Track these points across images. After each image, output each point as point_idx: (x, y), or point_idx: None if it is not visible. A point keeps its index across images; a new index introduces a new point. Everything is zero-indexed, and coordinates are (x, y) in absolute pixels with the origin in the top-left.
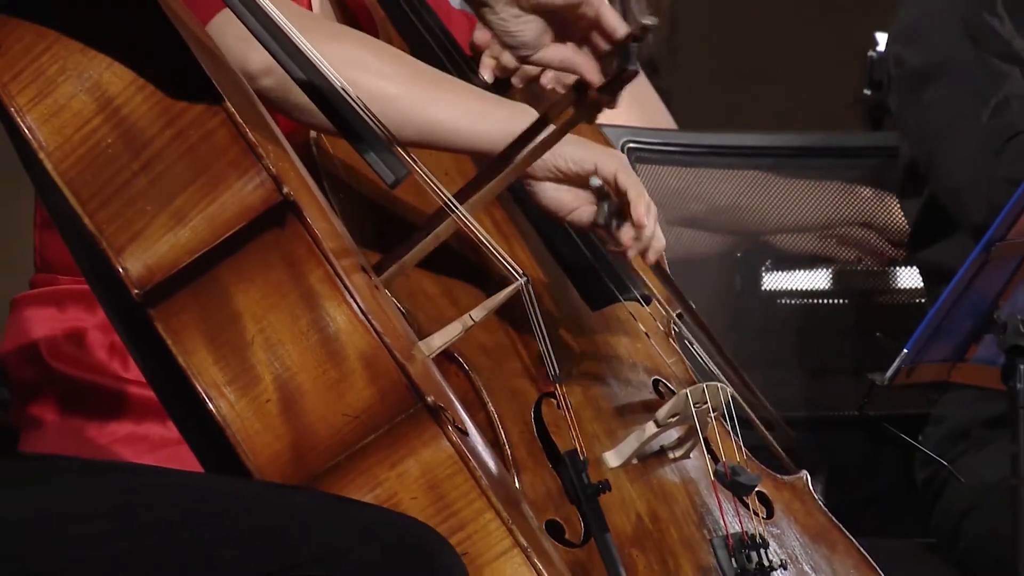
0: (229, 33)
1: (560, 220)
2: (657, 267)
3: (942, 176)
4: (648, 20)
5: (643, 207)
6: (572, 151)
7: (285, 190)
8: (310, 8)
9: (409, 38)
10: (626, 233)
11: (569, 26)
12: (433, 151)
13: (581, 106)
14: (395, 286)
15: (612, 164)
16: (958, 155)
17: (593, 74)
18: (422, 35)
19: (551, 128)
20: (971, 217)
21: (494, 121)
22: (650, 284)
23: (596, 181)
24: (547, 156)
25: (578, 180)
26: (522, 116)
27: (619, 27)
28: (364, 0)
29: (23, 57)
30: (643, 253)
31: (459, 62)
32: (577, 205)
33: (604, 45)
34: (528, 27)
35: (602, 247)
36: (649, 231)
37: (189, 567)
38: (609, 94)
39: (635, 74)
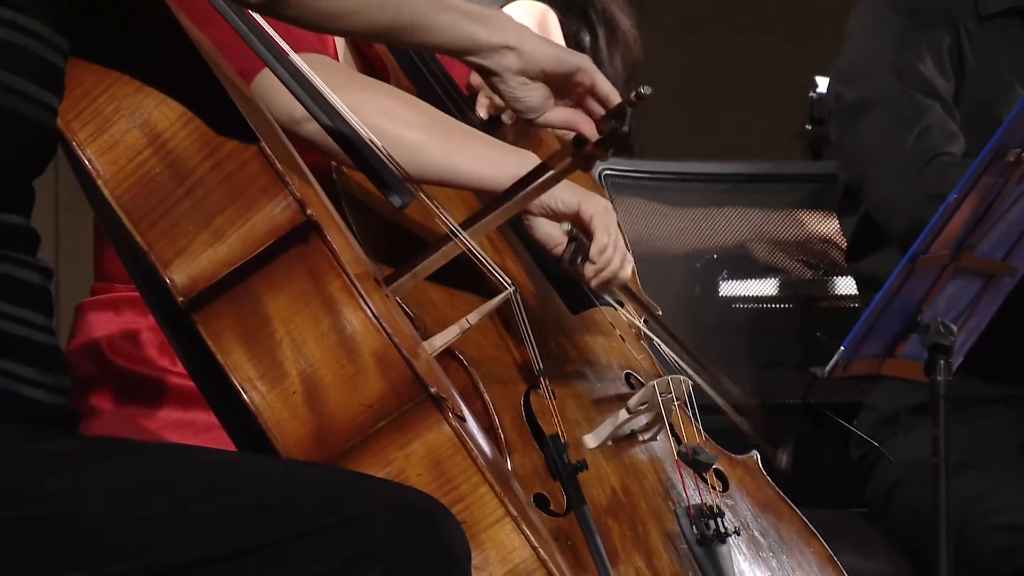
0: (276, 87)
1: (548, 251)
2: (625, 287)
3: (872, 192)
4: (644, 89)
5: (601, 247)
6: (563, 194)
7: (308, 212)
8: (336, 58)
9: (416, 82)
10: (588, 269)
11: (568, 90)
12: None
13: (578, 157)
14: (405, 294)
15: (592, 207)
16: (886, 174)
17: (591, 133)
18: (427, 80)
19: (550, 173)
20: (896, 226)
21: (502, 166)
22: (623, 295)
23: (566, 226)
24: (542, 196)
25: (565, 219)
26: (526, 162)
27: (612, 96)
28: (379, 50)
29: (84, 98)
30: (605, 284)
31: (458, 101)
32: (563, 240)
33: (599, 110)
34: (534, 93)
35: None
36: (609, 270)
37: (232, 529)
38: (603, 149)
39: (627, 135)
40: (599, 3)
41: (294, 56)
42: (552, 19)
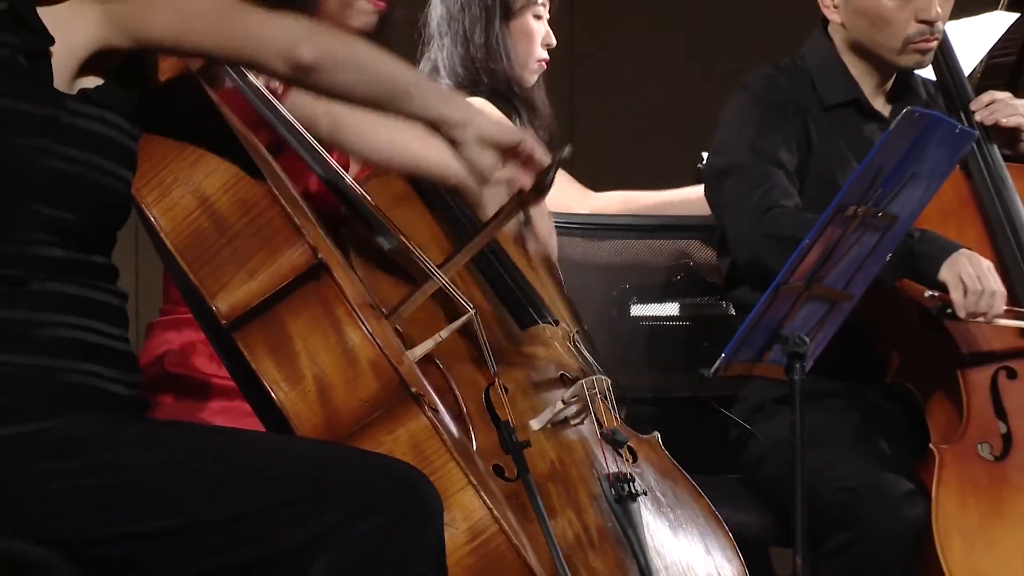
0: None
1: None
2: (570, 303)
3: (728, 235)
4: (565, 152)
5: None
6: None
7: (320, 255)
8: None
9: None
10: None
11: (512, 155)
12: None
13: (518, 203)
14: (405, 317)
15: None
16: (737, 221)
17: (528, 185)
18: None
19: (500, 217)
20: (741, 260)
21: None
22: (557, 314)
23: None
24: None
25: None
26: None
27: (545, 158)
28: None
29: (150, 171)
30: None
31: None
32: None
33: (534, 169)
34: (485, 158)
35: (530, 290)
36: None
37: (264, 491)
38: (536, 197)
39: (552, 183)
40: (520, 92)
41: (307, 135)
42: (490, 107)
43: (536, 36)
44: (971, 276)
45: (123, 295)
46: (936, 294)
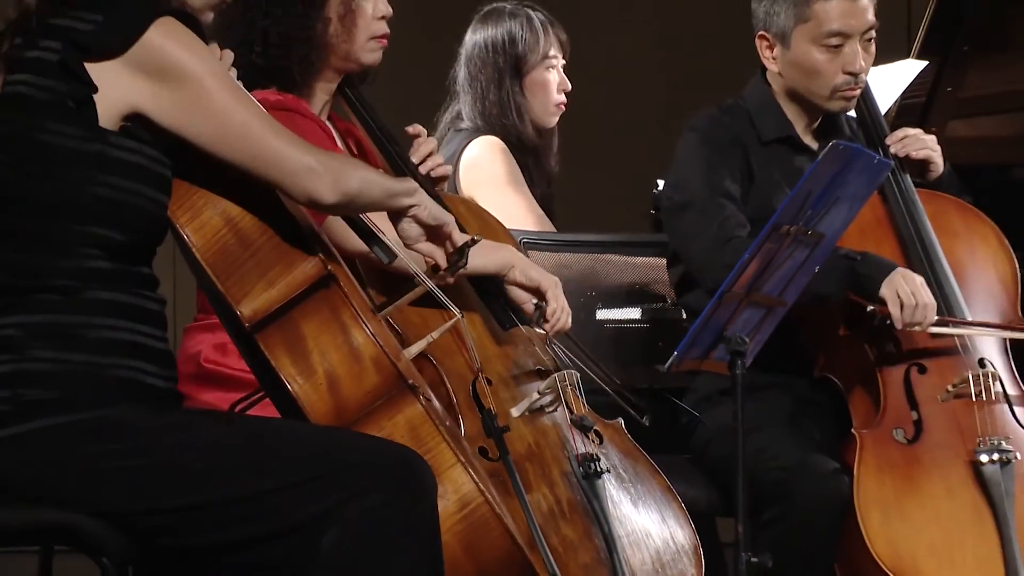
0: None
1: (520, 308)
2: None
3: (690, 263)
4: (476, 237)
5: (552, 310)
6: (531, 272)
7: (329, 267)
8: None
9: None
10: (546, 326)
11: (434, 234)
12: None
13: (435, 277)
14: (393, 317)
15: (548, 283)
16: (698, 252)
17: (442, 262)
18: (404, 175)
19: (418, 287)
20: (706, 286)
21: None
22: (534, 318)
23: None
24: (515, 274)
25: (531, 291)
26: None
27: (460, 239)
28: (369, 147)
29: (183, 196)
30: (551, 332)
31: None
32: (523, 299)
33: (450, 248)
34: (413, 229)
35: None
36: (559, 325)
37: (281, 471)
38: (451, 273)
39: (465, 264)
40: (528, 142)
41: None
42: (501, 146)
43: (551, 86)
44: (907, 292)
45: (162, 302)
46: (876, 308)
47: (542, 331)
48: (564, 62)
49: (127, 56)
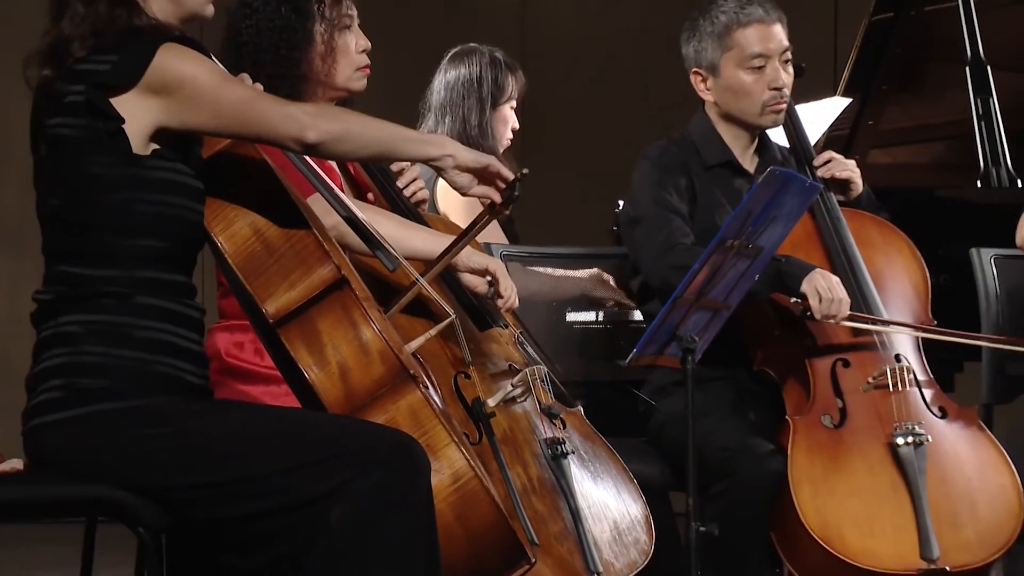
0: (322, 204)
1: (467, 290)
2: (512, 313)
3: (642, 268)
4: (524, 170)
5: (505, 288)
6: (478, 258)
7: (342, 272)
8: (340, 186)
9: (378, 187)
10: (499, 302)
11: (483, 176)
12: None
13: (492, 213)
14: (394, 318)
15: (495, 264)
16: (648, 258)
17: (498, 198)
18: (384, 186)
19: (479, 223)
20: (654, 285)
21: (427, 243)
22: (508, 320)
23: (488, 279)
24: (463, 258)
25: (480, 273)
26: (438, 237)
27: (510, 175)
28: (362, 176)
29: (218, 208)
30: (506, 306)
31: (392, 195)
32: (477, 283)
33: (502, 185)
34: (463, 178)
35: (486, 302)
36: (511, 301)
37: (296, 453)
38: (505, 206)
39: (518, 197)
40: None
41: (337, 190)
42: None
43: (510, 121)
44: (824, 288)
45: (202, 310)
46: (799, 301)
47: (506, 327)
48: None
49: (141, 84)
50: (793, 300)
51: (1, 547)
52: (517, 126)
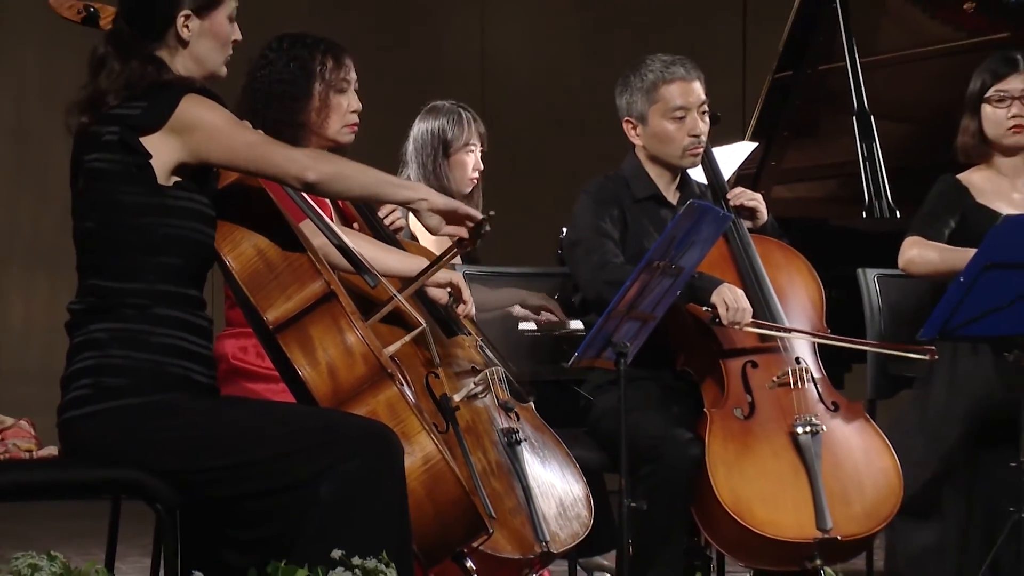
0: (312, 228)
1: (436, 303)
2: (472, 322)
3: (580, 283)
4: (491, 212)
5: (466, 299)
6: (442, 274)
7: (331, 287)
8: (331, 216)
9: (364, 219)
10: (461, 308)
11: (454, 216)
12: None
13: (460, 248)
14: (375, 326)
15: (457, 278)
16: (583, 274)
17: (467, 235)
18: (368, 218)
19: (447, 256)
20: (588, 298)
21: (406, 263)
22: (470, 329)
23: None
24: (435, 276)
25: (446, 286)
26: (414, 259)
27: (478, 215)
28: (349, 208)
29: (227, 232)
30: (466, 313)
31: (377, 227)
32: (441, 295)
33: (470, 224)
34: (434, 220)
35: (452, 313)
36: (470, 309)
37: (288, 441)
38: (472, 242)
39: (486, 233)
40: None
41: (327, 218)
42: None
43: (468, 166)
44: (731, 299)
45: (210, 320)
46: (709, 310)
47: (468, 334)
48: (483, 148)
49: (167, 126)
50: (705, 309)
51: (40, 520)
52: (481, 167)
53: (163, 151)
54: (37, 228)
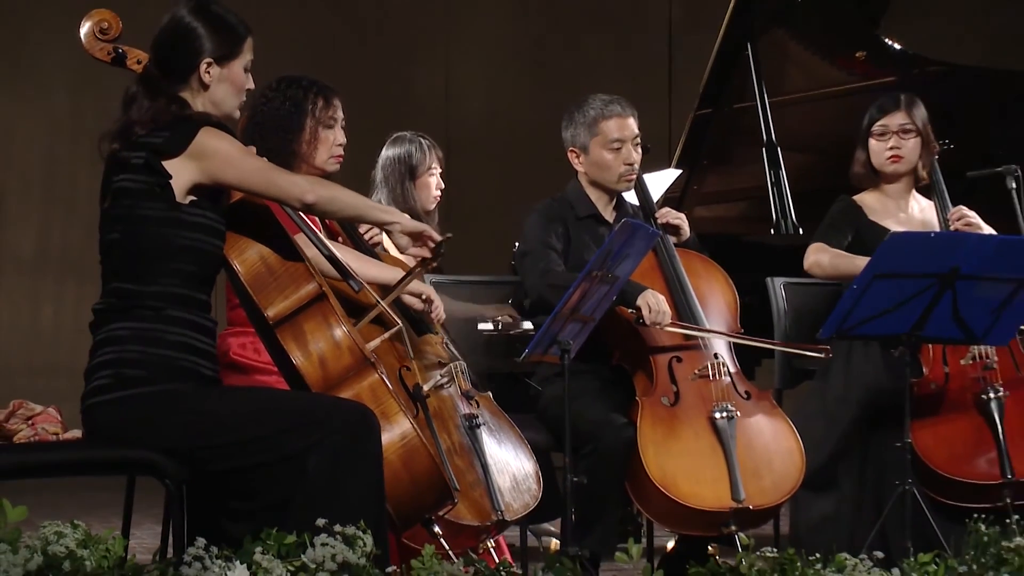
0: (303, 240)
1: (408, 307)
2: (441, 324)
3: (527, 287)
4: (449, 234)
5: (436, 306)
6: (416, 285)
7: (323, 289)
8: (320, 229)
9: (348, 235)
10: (434, 315)
11: (420, 238)
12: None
13: (424, 265)
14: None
15: (429, 290)
16: (530, 279)
17: (429, 255)
18: (353, 235)
19: (414, 272)
20: (532, 299)
21: (385, 273)
22: (437, 329)
23: (423, 297)
24: (410, 286)
25: (416, 294)
26: (392, 270)
27: (439, 238)
28: (333, 225)
29: (235, 242)
30: (435, 317)
31: (359, 242)
32: (415, 302)
33: (432, 244)
34: (403, 240)
35: (423, 315)
36: (439, 313)
37: (281, 421)
38: (434, 261)
39: (444, 253)
40: (422, 218)
41: (316, 230)
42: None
43: (431, 187)
44: (653, 302)
45: (214, 321)
46: (635, 312)
47: (436, 333)
48: (442, 170)
49: (186, 153)
50: (631, 311)
51: (66, 493)
52: (442, 186)
53: (182, 173)
54: (66, 243)
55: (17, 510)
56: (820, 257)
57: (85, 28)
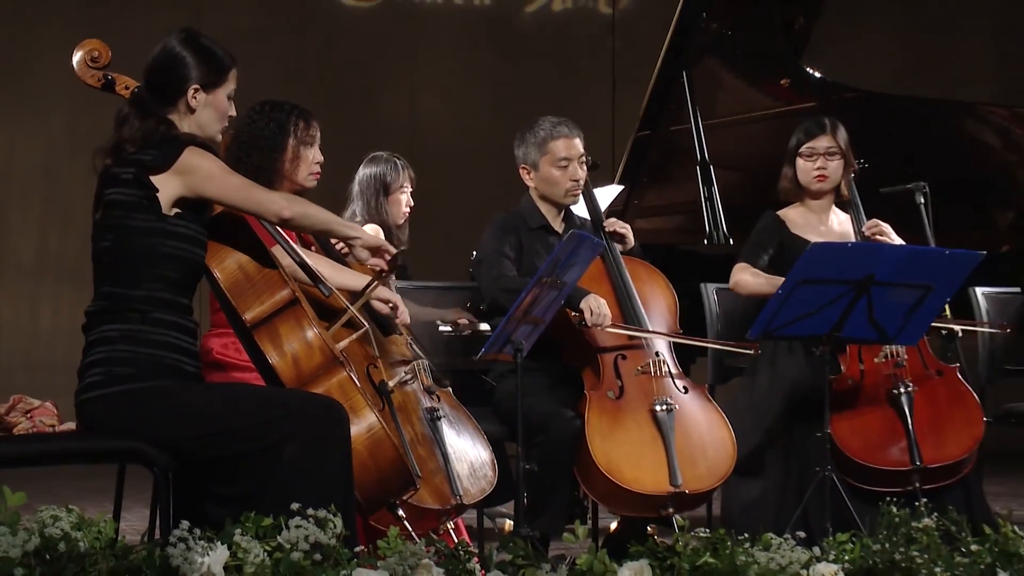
0: (279, 251)
1: (376, 311)
2: (405, 326)
3: (482, 290)
4: (403, 247)
5: (402, 311)
6: (382, 292)
7: (296, 295)
8: (296, 242)
9: (322, 246)
10: (399, 320)
11: (377, 250)
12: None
13: (382, 277)
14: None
15: (395, 296)
16: (485, 285)
17: (385, 266)
18: (325, 247)
19: (374, 283)
20: (487, 302)
21: (355, 280)
22: (402, 330)
23: (390, 304)
24: (378, 292)
25: (383, 300)
26: (359, 277)
27: (393, 251)
28: (308, 237)
29: (216, 251)
30: (400, 320)
31: (333, 253)
32: (382, 307)
33: (388, 256)
34: (363, 254)
35: (389, 318)
36: (404, 318)
37: (259, 413)
38: (391, 273)
39: (399, 265)
40: (392, 231)
41: (292, 242)
42: (379, 230)
43: (402, 203)
44: (595, 305)
45: (196, 323)
46: (578, 314)
47: (401, 334)
48: (412, 189)
49: (172, 169)
50: (574, 314)
51: (61, 480)
52: (412, 203)
53: (168, 187)
54: (63, 251)
55: (17, 496)
56: (742, 277)
57: (77, 57)
